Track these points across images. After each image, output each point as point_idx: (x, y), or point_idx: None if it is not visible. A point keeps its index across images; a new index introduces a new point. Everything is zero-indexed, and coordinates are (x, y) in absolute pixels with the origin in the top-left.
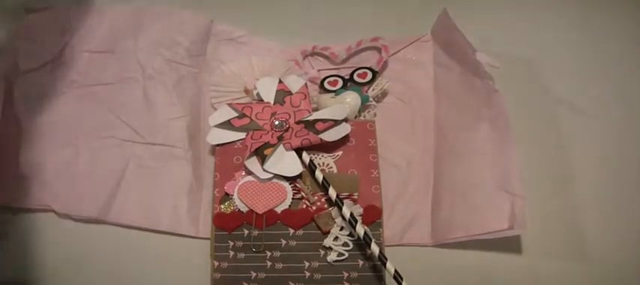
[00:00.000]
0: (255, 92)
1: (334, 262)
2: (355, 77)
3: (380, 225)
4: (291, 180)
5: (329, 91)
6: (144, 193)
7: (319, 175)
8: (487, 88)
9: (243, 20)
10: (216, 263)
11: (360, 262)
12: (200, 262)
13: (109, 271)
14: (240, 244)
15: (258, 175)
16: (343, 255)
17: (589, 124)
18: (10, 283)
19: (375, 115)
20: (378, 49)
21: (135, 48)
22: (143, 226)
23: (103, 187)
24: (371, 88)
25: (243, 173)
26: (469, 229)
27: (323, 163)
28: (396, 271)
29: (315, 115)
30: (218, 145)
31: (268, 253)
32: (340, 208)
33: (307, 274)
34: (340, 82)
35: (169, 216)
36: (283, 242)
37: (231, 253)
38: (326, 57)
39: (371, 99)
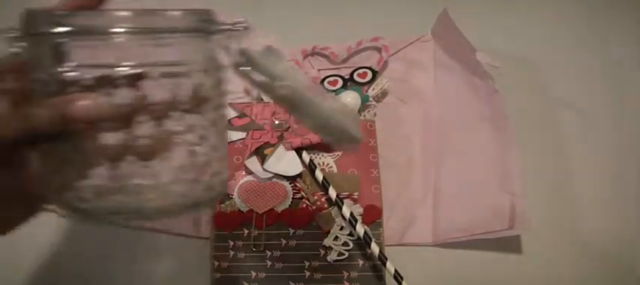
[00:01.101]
0: (255, 92)
1: (334, 261)
2: (355, 77)
3: (380, 225)
4: (291, 180)
5: (329, 91)
6: None
7: (319, 175)
8: (487, 88)
9: None
10: (216, 263)
11: (360, 262)
12: (200, 262)
13: (108, 271)
14: (240, 243)
15: (258, 174)
16: (343, 254)
17: (589, 124)
18: (9, 283)
19: (375, 115)
20: (378, 49)
21: None
22: (143, 226)
23: None
24: (371, 88)
25: (244, 173)
26: (469, 229)
27: (323, 163)
28: (396, 271)
29: None
30: None
31: (268, 253)
32: (340, 208)
33: (307, 273)
34: (340, 82)
35: None
36: (283, 242)
37: (231, 252)
38: (326, 57)
39: (371, 99)
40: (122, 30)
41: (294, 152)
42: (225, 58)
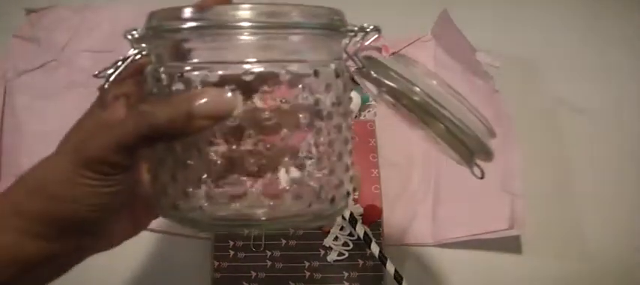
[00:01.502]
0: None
1: (334, 261)
2: (355, 77)
3: (380, 225)
4: None
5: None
6: None
7: None
8: (487, 88)
9: None
10: (216, 263)
11: (360, 262)
12: (200, 262)
13: (108, 271)
14: (240, 243)
15: None
16: (343, 254)
17: (589, 124)
18: None
19: (375, 115)
20: (378, 49)
21: None
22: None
23: None
24: None
25: None
26: (469, 228)
27: None
28: (396, 271)
29: None
30: None
31: (268, 253)
32: None
33: (307, 273)
34: None
35: None
36: (283, 242)
37: (231, 252)
38: None
39: (371, 99)
40: (249, 25)
41: None
42: (350, 62)
